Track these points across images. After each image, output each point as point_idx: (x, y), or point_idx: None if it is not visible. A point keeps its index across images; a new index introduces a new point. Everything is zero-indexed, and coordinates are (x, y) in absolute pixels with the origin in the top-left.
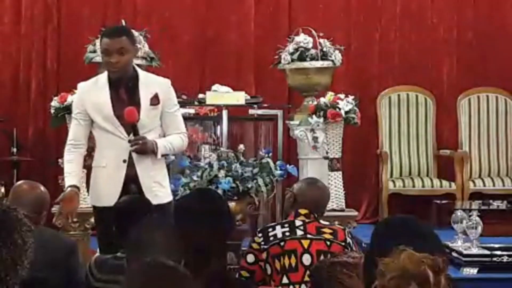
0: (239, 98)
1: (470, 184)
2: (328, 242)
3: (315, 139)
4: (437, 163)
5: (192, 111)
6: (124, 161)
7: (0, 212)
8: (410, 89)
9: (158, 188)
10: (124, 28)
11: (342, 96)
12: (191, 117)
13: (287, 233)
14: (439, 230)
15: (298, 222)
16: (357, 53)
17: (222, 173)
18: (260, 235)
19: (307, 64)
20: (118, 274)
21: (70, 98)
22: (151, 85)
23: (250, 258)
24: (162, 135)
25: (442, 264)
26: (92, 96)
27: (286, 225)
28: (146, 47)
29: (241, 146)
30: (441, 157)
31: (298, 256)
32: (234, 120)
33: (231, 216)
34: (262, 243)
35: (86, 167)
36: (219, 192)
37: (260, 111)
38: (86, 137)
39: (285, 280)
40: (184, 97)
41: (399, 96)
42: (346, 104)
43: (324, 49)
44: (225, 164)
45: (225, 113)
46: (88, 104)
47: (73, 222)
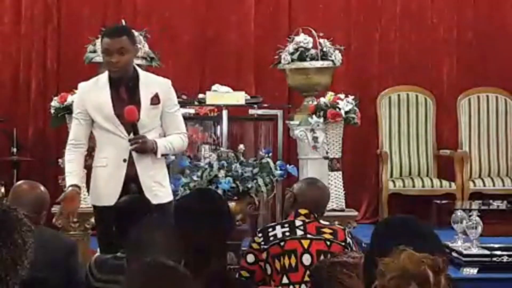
0: (239, 98)
1: (470, 184)
2: (328, 242)
3: (315, 139)
4: (437, 163)
5: (192, 111)
6: (125, 160)
7: (0, 212)
8: (410, 89)
9: (158, 188)
10: (124, 28)
11: (342, 96)
12: (191, 117)
13: (287, 233)
14: (439, 230)
15: (298, 222)
16: (357, 53)
17: (222, 173)
18: (260, 235)
19: (307, 64)
20: (118, 274)
21: (70, 98)
22: (151, 85)
23: (250, 258)
24: (163, 135)
25: (442, 264)
26: (92, 96)
27: (286, 225)
28: (146, 47)
29: (241, 146)
30: (441, 157)
31: (298, 256)
32: (234, 120)
33: (231, 216)
34: (262, 243)
35: (86, 167)
36: (219, 192)
37: (260, 111)
38: (86, 137)
39: (285, 280)
40: (184, 97)
41: (399, 96)
42: (346, 104)
43: (324, 49)
44: (225, 164)
45: (225, 113)
46: (89, 104)
47: (74, 222)
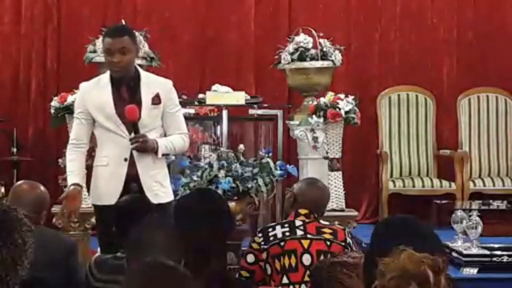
0: (239, 98)
1: (470, 184)
2: (328, 242)
3: (315, 139)
4: (437, 163)
5: (192, 111)
6: (125, 159)
7: (0, 212)
8: (410, 89)
9: (159, 188)
10: (126, 28)
11: (342, 96)
12: (191, 117)
13: (287, 233)
14: (439, 230)
15: (298, 222)
16: (357, 53)
17: (222, 173)
18: (260, 235)
19: (307, 64)
20: (118, 274)
21: (70, 98)
22: (152, 85)
23: (250, 258)
24: (164, 136)
25: (442, 264)
26: (94, 96)
27: (286, 225)
28: (146, 47)
29: (241, 146)
30: (441, 157)
31: (298, 256)
32: (234, 120)
33: (231, 216)
34: (262, 243)
35: (86, 167)
36: (219, 192)
37: (260, 111)
38: (88, 136)
39: (285, 280)
40: (184, 97)
41: (399, 96)
42: (346, 104)
43: (324, 49)
44: (225, 164)
45: (225, 113)
46: (90, 104)
47: (74, 222)
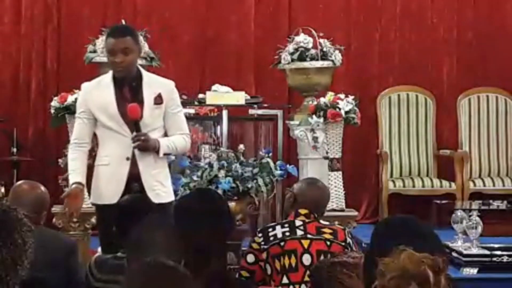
0: (239, 98)
1: (470, 184)
2: (328, 242)
3: (315, 139)
4: (437, 163)
5: (192, 111)
6: (128, 158)
7: (0, 212)
8: (410, 89)
9: (160, 187)
10: (128, 28)
11: (342, 96)
12: (191, 117)
13: (287, 233)
14: (439, 230)
15: (298, 222)
16: (357, 53)
17: (222, 173)
18: (260, 235)
19: (307, 64)
20: (118, 274)
21: (70, 98)
22: (154, 85)
23: (250, 258)
24: (165, 136)
25: (442, 264)
26: (96, 96)
27: (286, 225)
28: (146, 47)
29: (241, 146)
30: (441, 157)
31: (298, 256)
32: (234, 120)
33: (231, 216)
34: (262, 243)
35: (87, 167)
36: (219, 192)
37: (260, 111)
38: (90, 136)
39: (285, 280)
40: (184, 97)
41: (399, 96)
42: (346, 104)
43: (324, 49)
44: (225, 164)
45: (225, 113)
46: (92, 103)
47: (74, 222)
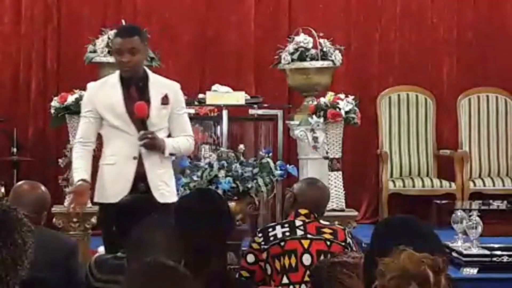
0: (239, 98)
1: (470, 184)
2: (328, 242)
3: (315, 139)
4: (437, 163)
5: (192, 111)
6: (135, 158)
7: (0, 212)
8: (410, 89)
9: (164, 187)
10: (136, 28)
11: (342, 96)
12: (191, 117)
13: (287, 233)
14: (439, 230)
15: (298, 222)
16: (357, 53)
17: (222, 173)
18: (260, 235)
19: (307, 64)
20: (118, 274)
21: (70, 98)
22: (161, 86)
23: (250, 258)
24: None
25: (442, 264)
26: (103, 95)
27: (286, 225)
28: None
29: (241, 146)
30: (441, 157)
31: (298, 256)
32: (234, 120)
33: (231, 216)
34: (262, 243)
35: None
36: (219, 192)
37: (260, 111)
38: (95, 135)
39: (285, 280)
40: (184, 97)
41: (399, 96)
42: (346, 104)
43: (324, 49)
44: (225, 164)
45: (225, 113)
46: (99, 103)
47: (74, 222)
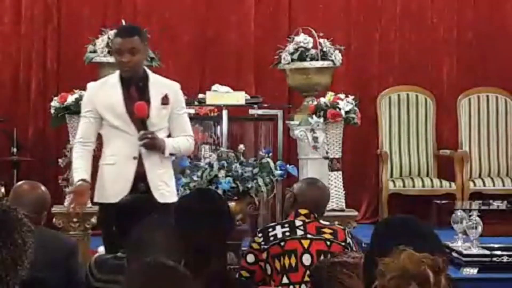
0: (239, 98)
1: (470, 184)
2: (328, 242)
3: (315, 139)
4: (437, 163)
5: (192, 111)
6: (135, 158)
7: (0, 212)
8: (410, 89)
9: (164, 187)
10: (136, 28)
11: (342, 96)
12: (191, 117)
13: (287, 233)
14: (439, 230)
15: (298, 222)
16: (357, 53)
17: (222, 173)
18: (260, 235)
19: (307, 64)
20: (118, 274)
21: (70, 98)
22: (161, 86)
23: (250, 258)
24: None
25: (442, 264)
26: (103, 95)
27: (286, 225)
28: None
29: (241, 146)
30: (441, 157)
31: (298, 256)
32: (234, 120)
33: (231, 216)
34: (262, 243)
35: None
36: (219, 192)
37: (260, 111)
38: (95, 135)
39: (285, 280)
40: (184, 97)
41: (399, 96)
42: (346, 104)
43: (324, 49)
44: (225, 164)
45: (225, 113)
46: (99, 103)
47: (74, 222)
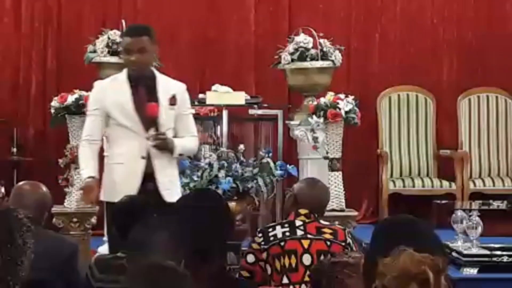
0: (239, 98)
1: (470, 184)
2: (328, 242)
3: (315, 139)
4: (437, 163)
5: (192, 111)
6: (143, 157)
7: (0, 212)
8: (410, 89)
9: (172, 187)
10: (145, 28)
11: (342, 96)
12: None
13: (287, 233)
14: (439, 230)
15: (298, 222)
16: (357, 53)
17: (222, 173)
18: (260, 235)
19: (307, 64)
20: (118, 274)
21: (70, 98)
22: (168, 87)
23: (250, 258)
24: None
25: (442, 264)
26: (111, 94)
27: (286, 225)
28: None
29: (241, 146)
30: (441, 157)
31: (298, 256)
32: (234, 120)
33: (231, 216)
34: (262, 243)
35: None
36: (219, 192)
37: (260, 111)
38: (101, 134)
39: (285, 280)
40: None
41: (399, 96)
42: (346, 104)
43: (324, 49)
44: (225, 164)
45: (225, 113)
46: (107, 101)
47: (74, 222)
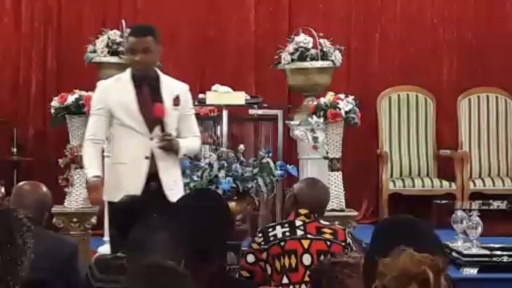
0: (239, 98)
1: (470, 184)
2: (328, 242)
3: (315, 139)
4: (437, 163)
5: (194, 111)
6: (147, 157)
7: (0, 212)
8: (410, 89)
9: (175, 187)
10: (150, 28)
11: (342, 96)
12: None
13: (287, 233)
14: (439, 230)
15: (298, 222)
16: (357, 53)
17: (222, 173)
18: (260, 235)
19: (307, 64)
20: (118, 274)
21: (70, 98)
22: (172, 87)
23: (250, 258)
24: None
25: (442, 264)
26: (115, 94)
27: (286, 225)
28: None
29: (241, 146)
30: (441, 157)
31: (298, 256)
32: (234, 120)
33: (231, 216)
34: (262, 243)
35: None
36: (219, 192)
37: (260, 111)
38: (105, 133)
39: (285, 280)
40: None
41: (399, 96)
42: (346, 104)
43: (324, 49)
44: (225, 164)
45: (225, 113)
46: (111, 101)
47: (74, 222)
